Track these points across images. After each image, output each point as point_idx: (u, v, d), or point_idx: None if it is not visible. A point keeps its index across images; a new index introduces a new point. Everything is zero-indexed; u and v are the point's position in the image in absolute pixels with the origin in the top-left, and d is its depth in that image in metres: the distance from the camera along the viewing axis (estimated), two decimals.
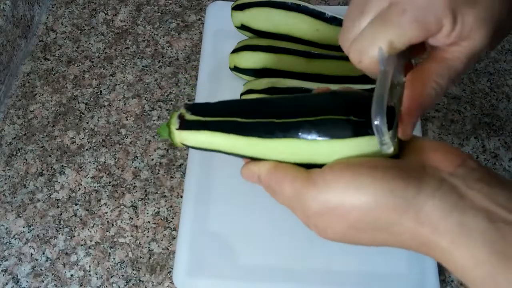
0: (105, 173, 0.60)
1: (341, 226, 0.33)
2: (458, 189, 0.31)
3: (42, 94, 0.66)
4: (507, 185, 0.31)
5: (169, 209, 0.57)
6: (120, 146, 0.62)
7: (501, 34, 0.35)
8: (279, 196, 0.36)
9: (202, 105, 0.39)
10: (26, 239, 0.56)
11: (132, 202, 0.58)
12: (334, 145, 0.34)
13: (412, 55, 0.36)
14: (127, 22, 0.72)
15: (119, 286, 0.53)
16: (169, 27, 0.71)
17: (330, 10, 0.62)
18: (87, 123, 0.64)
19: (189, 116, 0.38)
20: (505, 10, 0.33)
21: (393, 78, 0.34)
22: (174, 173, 0.60)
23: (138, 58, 0.69)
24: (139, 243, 0.56)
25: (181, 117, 0.38)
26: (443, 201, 0.30)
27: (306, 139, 0.34)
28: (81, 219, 0.57)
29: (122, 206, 0.58)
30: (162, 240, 0.56)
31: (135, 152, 0.61)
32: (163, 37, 0.70)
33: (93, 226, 0.57)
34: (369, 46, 0.33)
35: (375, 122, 0.32)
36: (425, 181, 0.31)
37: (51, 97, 0.66)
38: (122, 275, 0.54)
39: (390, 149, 0.33)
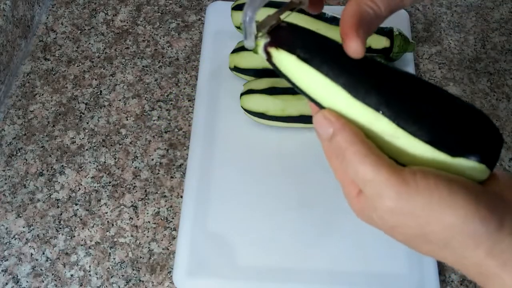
0: (105, 173, 0.60)
1: (414, 232, 0.32)
2: None
3: (42, 94, 0.66)
4: None
5: (169, 209, 0.57)
6: (120, 146, 0.62)
7: None
8: (345, 167, 0.33)
9: (302, 28, 0.35)
10: (26, 239, 0.56)
11: (132, 202, 0.58)
12: (427, 150, 0.32)
13: None
14: (127, 22, 0.72)
15: (119, 286, 0.53)
16: (169, 27, 0.71)
17: (330, 10, 0.62)
18: (87, 123, 0.64)
19: (285, 31, 0.34)
20: None
21: None
22: (174, 173, 0.60)
23: (138, 58, 0.69)
24: (139, 243, 0.56)
25: (277, 28, 0.34)
26: None
27: (406, 130, 0.32)
28: (81, 219, 0.57)
29: (122, 206, 0.58)
30: (162, 240, 0.56)
31: (135, 152, 0.61)
32: (163, 37, 0.70)
33: (93, 226, 0.57)
34: None
35: (246, 18, 0.32)
36: (508, 217, 0.31)
37: (51, 97, 0.66)
38: (122, 275, 0.54)
39: (250, 46, 0.33)
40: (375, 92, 0.32)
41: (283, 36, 0.34)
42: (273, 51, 0.34)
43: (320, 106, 0.35)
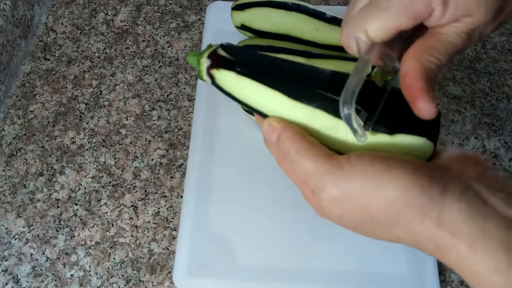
0: (105, 173, 0.60)
1: (360, 215, 0.32)
2: (482, 196, 0.31)
3: (42, 94, 0.66)
4: None
5: (169, 209, 0.57)
6: (120, 146, 0.62)
7: (509, 9, 0.34)
8: (293, 168, 0.34)
9: (238, 46, 0.38)
10: (26, 239, 0.56)
11: (132, 202, 0.58)
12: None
13: (414, 39, 0.35)
14: (127, 22, 0.72)
15: (119, 286, 0.53)
16: (169, 27, 0.71)
17: (330, 10, 0.62)
18: (87, 123, 0.64)
19: (222, 53, 0.36)
20: None
21: (384, 67, 0.33)
22: (174, 173, 0.60)
23: (138, 58, 0.69)
24: (139, 243, 0.56)
25: (214, 51, 0.36)
26: (468, 206, 0.30)
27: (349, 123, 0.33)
28: (81, 219, 0.57)
29: (122, 206, 0.58)
30: (162, 240, 0.56)
31: (135, 152, 0.61)
32: (163, 37, 0.70)
33: (93, 226, 0.57)
34: (355, 31, 0.33)
35: (345, 112, 0.31)
36: (452, 183, 0.31)
37: (51, 97, 0.66)
38: (122, 275, 0.54)
39: (363, 138, 0.33)
40: (309, 90, 0.34)
41: (221, 58, 0.36)
42: (215, 72, 0.36)
43: (265, 116, 0.36)
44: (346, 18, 0.35)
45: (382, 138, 0.33)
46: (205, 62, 0.36)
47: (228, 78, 0.36)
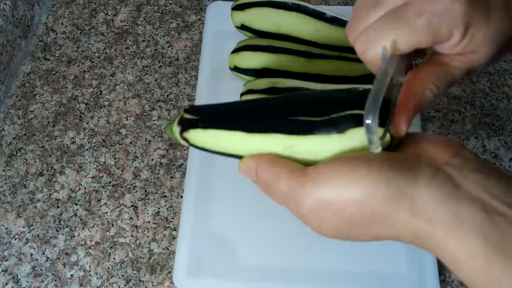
0: (105, 173, 0.60)
1: (337, 221, 0.32)
2: (453, 179, 0.30)
3: (42, 94, 0.66)
4: (503, 177, 0.31)
5: (169, 209, 0.57)
6: (120, 146, 0.62)
7: (500, 53, 0.35)
8: (276, 194, 0.35)
9: (200, 106, 0.41)
10: (26, 239, 0.56)
11: (132, 202, 0.58)
12: (327, 140, 0.34)
13: (414, 58, 0.36)
14: (127, 22, 0.72)
15: (119, 286, 0.53)
16: (169, 27, 0.71)
17: (330, 10, 0.62)
18: (87, 123, 0.64)
19: (187, 116, 0.39)
20: (511, 33, 0.33)
21: (392, 78, 0.33)
22: (174, 173, 0.60)
23: (138, 58, 0.69)
24: (139, 243, 0.56)
25: (181, 117, 0.39)
26: (438, 190, 0.30)
27: (303, 135, 0.35)
28: (81, 219, 0.57)
29: (122, 206, 0.58)
30: (162, 240, 0.56)
31: (135, 152, 0.61)
32: (163, 37, 0.70)
33: (93, 226, 0.57)
34: (377, 39, 0.33)
35: (367, 121, 0.31)
36: (421, 170, 0.31)
37: (51, 97, 0.66)
38: (122, 275, 0.54)
39: (378, 149, 0.33)
40: (260, 120, 0.37)
41: (187, 120, 0.39)
42: (186, 135, 0.39)
43: (240, 158, 0.38)
44: (360, 23, 0.35)
45: (337, 141, 0.34)
46: (176, 129, 0.39)
47: (196, 136, 0.39)
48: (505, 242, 0.28)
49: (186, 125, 0.39)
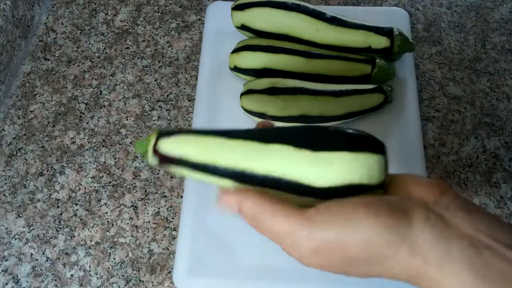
0: (105, 173, 0.60)
1: (338, 262, 0.34)
2: (444, 218, 0.33)
3: (42, 94, 0.66)
4: (485, 213, 0.33)
5: (169, 209, 0.57)
6: (120, 146, 0.62)
7: None
8: (267, 231, 0.36)
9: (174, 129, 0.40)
10: (26, 239, 0.56)
11: (132, 202, 0.58)
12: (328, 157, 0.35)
13: None
14: (127, 22, 0.72)
15: (119, 286, 0.53)
16: (169, 27, 0.71)
17: (330, 10, 0.62)
18: (87, 123, 0.64)
19: (162, 139, 0.38)
20: None
21: None
22: (174, 173, 0.60)
23: (138, 58, 0.69)
24: (139, 243, 0.56)
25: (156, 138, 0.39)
26: (431, 231, 0.32)
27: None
28: (81, 219, 0.57)
29: (122, 206, 0.58)
30: (162, 240, 0.56)
31: (135, 152, 0.61)
32: (163, 37, 0.70)
33: (93, 226, 0.57)
34: None
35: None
36: (415, 214, 0.33)
37: (51, 97, 0.66)
38: (122, 275, 0.54)
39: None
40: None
41: (162, 155, 0.38)
42: (165, 166, 0.39)
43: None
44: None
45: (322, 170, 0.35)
46: (153, 159, 0.39)
47: (169, 145, 0.38)
48: (491, 272, 0.31)
49: (164, 161, 0.38)
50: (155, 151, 0.38)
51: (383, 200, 0.34)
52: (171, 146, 0.38)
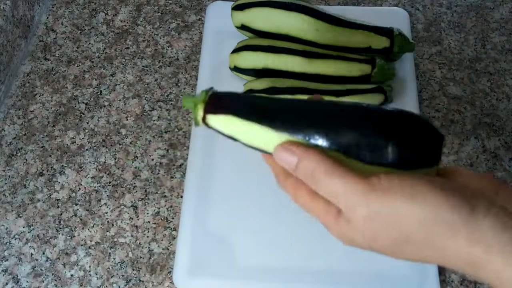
0: (105, 173, 0.60)
1: (392, 235, 0.32)
2: (506, 209, 0.31)
3: (42, 94, 0.66)
4: None
5: (169, 209, 0.57)
6: (120, 146, 0.62)
7: None
8: (323, 188, 0.34)
9: (228, 93, 0.39)
10: (26, 239, 0.56)
11: (132, 202, 0.58)
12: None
13: None
14: (127, 22, 0.72)
15: (119, 286, 0.53)
16: (169, 27, 0.71)
17: (330, 10, 0.62)
18: (87, 123, 0.64)
19: (216, 98, 0.38)
20: None
21: None
22: (174, 173, 0.60)
23: (138, 58, 0.69)
24: (139, 243, 0.56)
25: (210, 97, 0.38)
26: (495, 220, 0.31)
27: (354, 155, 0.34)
28: (81, 219, 0.57)
29: (122, 206, 0.58)
30: (162, 240, 0.56)
31: (135, 152, 0.61)
32: (163, 37, 0.70)
33: (93, 226, 0.57)
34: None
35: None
36: (478, 201, 0.31)
37: (51, 97, 0.66)
38: (122, 275, 0.54)
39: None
40: (314, 128, 0.35)
41: (214, 102, 0.38)
42: (211, 117, 0.38)
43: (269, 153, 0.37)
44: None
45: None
46: (200, 108, 0.38)
47: (223, 122, 0.37)
48: None
49: (213, 108, 0.37)
50: (204, 122, 0.38)
51: (447, 181, 0.33)
52: (220, 124, 0.38)
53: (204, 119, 0.38)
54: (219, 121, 0.37)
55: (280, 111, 0.36)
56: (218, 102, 0.37)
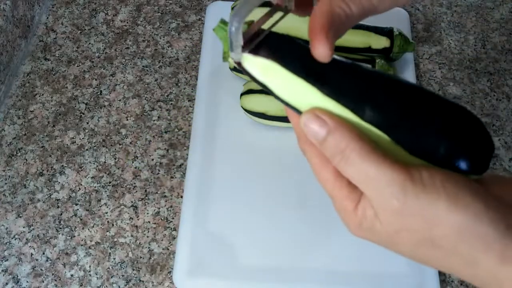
0: (105, 173, 0.60)
1: (419, 236, 0.30)
2: None
3: (42, 94, 0.66)
4: None
5: (169, 209, 0.57)
6: (120, 146, 0.62)
7: None
8: (351, 168, 0.30)
9: (285, 36, 0.34)
10: (26, 239, 0.56)
11: (132, 202, 0.58)
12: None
13: None
14: (127, 22, 0.72)
15: (119, 286, 0.53)
16: (169, 27, 0.71)
17: None
18: (87, 123, 0.64)
19: (260, 38, 0.32)
20: None
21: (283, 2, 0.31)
22: (174, 173, 0.60)
23: (138, 58, 0.69)
24: (139, 243, 0.56)
25: (253, 34, 0.33)
26: None
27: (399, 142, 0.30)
28: (81, 219, 0.57)
29: (122, 206, 0.58)
30: (162, 240, 0.56)
31: (135, 152, 0.61)
32: (163, 37, 0.70)
33: (93, 226, 0.57)
34: None
35: (232, 28, 0.30)
36: None
37: (51, 97, 0.66)
38: (122, 275, 0.54)
39: (236, 57, 0.31)
40: (367, 105, 0.31)
41: (258, 43, 0.33)
42: (249, 58, 0.33)
43: (299, 112, 0.33)
44: None
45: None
46: (239, 44, 0.33)
47: (262, 67, 0.33)
48: None
49: (255, 47, 0.32)
50: (237, 62, 0.33)
51: (487, 191, 0.30)
52: (257, 68, 0.33)
53: (236, 59, 0.33)
54: (257, 64, 0.33)
55: (338, 75, 0.32)
56: (263, 41, 0.32)
